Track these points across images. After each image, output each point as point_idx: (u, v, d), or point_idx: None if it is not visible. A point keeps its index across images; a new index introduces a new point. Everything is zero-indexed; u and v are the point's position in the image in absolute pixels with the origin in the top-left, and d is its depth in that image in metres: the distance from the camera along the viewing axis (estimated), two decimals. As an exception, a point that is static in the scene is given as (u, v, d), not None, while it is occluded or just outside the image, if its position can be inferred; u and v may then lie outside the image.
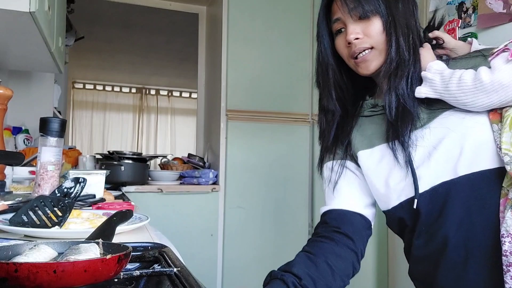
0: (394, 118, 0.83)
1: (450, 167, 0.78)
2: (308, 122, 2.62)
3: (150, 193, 2.34)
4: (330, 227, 0.88)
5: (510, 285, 0.68)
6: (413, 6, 0.87)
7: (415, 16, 0.86)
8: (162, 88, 6.35)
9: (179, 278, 0.54)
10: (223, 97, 2.51)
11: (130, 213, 0.82)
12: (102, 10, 3.44)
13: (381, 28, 0.83)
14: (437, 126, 0.81)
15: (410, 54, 0.83)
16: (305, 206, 2.57)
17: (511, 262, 0.68)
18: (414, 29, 0.85)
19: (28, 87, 2.55)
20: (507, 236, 0.69)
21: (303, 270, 0.76)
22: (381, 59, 0.84)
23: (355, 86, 0.95)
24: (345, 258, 0.83)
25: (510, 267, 0.68)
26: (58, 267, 0.42)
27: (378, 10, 0.83)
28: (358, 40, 0.84)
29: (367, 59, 0.85)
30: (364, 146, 0.90)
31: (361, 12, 0.83)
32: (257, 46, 2.56)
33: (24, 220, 0.78)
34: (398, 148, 0.83)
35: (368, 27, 0.83)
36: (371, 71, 0.86)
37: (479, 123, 0.77)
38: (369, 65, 0.85)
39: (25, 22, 1.37)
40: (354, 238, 0.85)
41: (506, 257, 0.68)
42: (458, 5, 2.05)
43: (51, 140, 1.10)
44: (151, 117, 6.40)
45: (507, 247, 0.68)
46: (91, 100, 6.06)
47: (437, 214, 0.80)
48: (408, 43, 0.83)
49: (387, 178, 0.86)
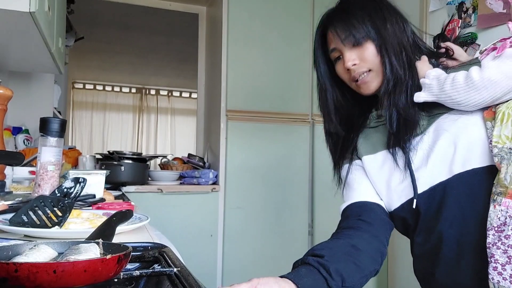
0: (395, 130, 0.89)
1: (445, 166, 0.82)
2: (308, 122, 2.62)
3: (150, 193, 2.34)
4: (351, 219, 0.90)
5: (493, 275, 0.69)
6: (403, 22, 0.92)
7: (407, 32, 0.92)
8: (162, 88, 6.34)
9: (179, 278, 0.54)
10: (223, 97, 2.51)
11: (130, 213, 0.82)
12: (102, 10, 3.44)
13: (374, 51, 0.89)
14: (434, 129, 0.86)
15: (405, 70, 0.89)
16: (305, 206, 2.57)
17: (493, 254, 0.69)
18: (407, 45, 0.90)
19: (28, 87, 2.55)
20: (491, 229, 0.71)
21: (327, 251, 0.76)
22: (379, 79, 0.90)
23: (360, 102, 1.01)
24: (369, 241, 0.84)
25: (492, 259, 0.69)
26: (58, 267, 0.42)
27: (369, 35, 0.89)
28: (355, 66, 0.90)
29: (366, 81, 0.91)
30: (368, 151, 0.96)
31: (353, 40, 0.89)
32: (257, 46, 2.56)
33: (24, 220, 0.78)
34: (398, 153, 0.89)
35: (363, 52, 0.89)
36: (372, 90, 0.92)
37: (471, 123, 0.81)
38: (369, 86, 0.91)
39: (25, 23, 1.37)
40: (376, 224, 0.88)
41: (489, 249, 0.70)
42: (458, 5, 2.05)
43: (51, 140, 1.10)
44: (151, 117, 6.39)
45: (491, 239, 0.70)
46: (91, 100, 6.05)
47: (434, 213, 0.84)
48: (402, 61, 0.89)
49: (388, 181, 0.91)
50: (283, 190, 2.54)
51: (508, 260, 0.68)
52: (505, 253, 0.68)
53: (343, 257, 0.76)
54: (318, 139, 2.62)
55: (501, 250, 0.69)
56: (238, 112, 2.50)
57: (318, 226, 2.56)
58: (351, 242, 0.81)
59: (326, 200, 2.55)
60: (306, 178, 2.59)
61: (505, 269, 0.68)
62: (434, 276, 0.84)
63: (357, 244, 0.80)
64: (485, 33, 1.83)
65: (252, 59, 2.55)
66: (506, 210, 0.69)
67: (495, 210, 0.71)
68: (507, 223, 0.69)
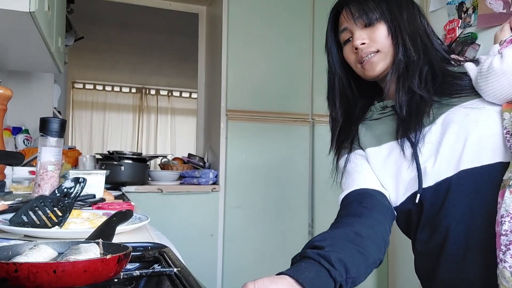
0: (406, 115, 0.86)
1: (454, 162, 0.79)
2: (308, 122, 2.62)
3: (150, 193, 2.34)
4: (351, 206, 0.86)
5: (511, 263, 0.67)
6: (419, 15, 0.91)
7: (422, 23, 0.91)
8: (162, 88, 6.34)
9: (179, 278, 0.54)
10: (223, 97, 2.51)
11: (130, 213, 0.82)
12: (102, 10, 3.44)
13: (386, 33, 0.88)
14: (443, 121, 0.83)
15: (419, 55, 0.87)
16: (305, 206, 2.57)
17: (511, 240, 0.67)
18: (423, 34, 0.89)
19: (28, 87, 2.55)
20: (506, 216, 0.69)
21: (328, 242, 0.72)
22: (387, 61, 0.89)
23: (363, 94, 1.00)
24: (372, 227, 0.79)
25: (510, 246, 0.67)
26: (58, 267, 0.42)
27: (382, 16, 0.88)
28: (364, 45, 0.88)
29: (372, 61, 0.89)
30: (372, 144, 0.93)
31: (366, 20, 0.88)
32: (257, 46, 2.56)
33: (24, 220, 0.78)
34: (406, 143, 0.85)
35: (374, 32, 0.88)
36: (377, 72, 0.90)
37: (483, 118, 0.79)
38: (375, 67, 0.89)
39: (25, 22, 1.37)
40: (377, 209, 0.84)
41: (507, 236, 0.68)
42: (458, 5, 2.05)
43: (51, 140, 1.10)
44: (151, 117, 6.39)
45: (507, 226, 0.68)
46: (91, 100, 6.05)
47: (438, 208, 0.81)
48: (416, 46, 0.87)
49: (395, 173, 0.88)
50: (283, 190, 2.54)
51: None
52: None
53: (346, 245, 0.71)
54: (318, 139, 2.62)
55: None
56: (238, 112, 2.50)
57: (318, 226, 2.56)
58: (353, 229, 0.76)
59: (326, 200, 2.55)
60: (306, 178, 2.59)
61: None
62: (438, 274, 0.82)
63: (360, 231, 0.76)
64: (485, 33, 1.83)
65: (252, 59, 2.55)
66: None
67: (511, 196, 0.69)
68: None
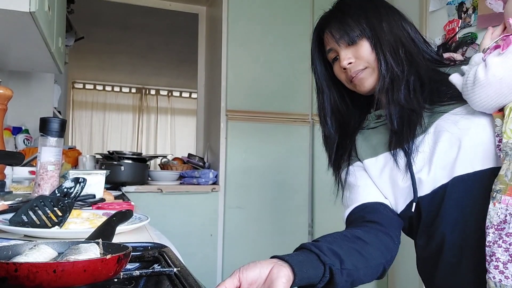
0: (397, 127, 0.87)
1: (448, 169, 0.80)
2: (308, 122, 2.62)
3: (150, 193, 2.34)
4: (356, 223, 0.87)
5: (494, 274, 0.67)
6: (401, 21, 0.91)
7: (405, 29, 0.91)
8: (162, 88, 6.34)
9: (178, 278, 0.54)
10: (223, 97, 2.51)
11: (130, 213, 0.82)
12: (102, 10, 3.44)
13: (369, 48, 0.89)
14: (434, 130, 0.84)
15: (403, 67, 0.88)
16: (305, 206, 2.57)
17: (494, 252, 0.68)
18: (406, 41, 0.89)
19: (28, 87, 2.55)
20: (490, 228, 0.69)
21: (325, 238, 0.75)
22: (375, 76, 0.90)
23: (358, 105, 1.00)
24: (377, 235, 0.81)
25: (493, 257, 0.68)
26: (58, 267, 0.42)
27: (363, 33, 0.89)
28: (351, 64, 0.90)
29: (361, 77, 0.91)
30: (369, 155, 0.94)
31: (348, 39, 0.90)
32: (257, 46, 2.56)
33: (24, 220, 0.78)
34: (399, 154, 0.87)
35: (358, 50, 0.90)
36: (367, 88, 0.91)
37: (474, 125, 0.79)
38: (364, 83, 0.91)
39: (25, 22, 1.37)
40: (382, 222, 0.85)
41: (490, 247, 0.69)
42: (458, 5, 2.05)
43: (51, 140, 1.10)
44: (151, 117, 6.40)
45: (491, 237, 0.69)
46: (91, 100, 6.05)
47: (435, 215, 0.82)
48: (399, 58, 0.88)
49: (392, 182, 0.89)
50: (283, 190, 2.54)
51: (510, 258, 0.66)
52: (507, 251, 0.67)
53: (344, 243, 0.73)
54: (318, 139, 2.60)
55: (503, 248, 0.67)
56: (238, 112, 2.50)
57: (318, 226, 2.56)
58: (355, 234, 0.78)
59: (326, 200, 2.55)
60: (306, 178, 2.59)
61: (507, 268, 0.66)
62: (435, 279, 0.84)
63: (362, 236, 0.78)
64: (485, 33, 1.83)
65: (252, 59, 2.55)
66: (506, 208, 0.68)
67: (494, 208, 0.69)
68: (507, 220, 0.67)
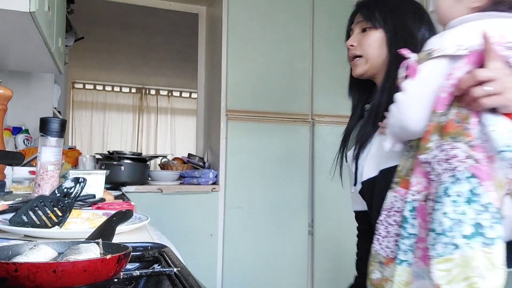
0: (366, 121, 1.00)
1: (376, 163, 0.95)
2: (308, 122, 2.62)
3: (150, 193, 2.34)
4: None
5: (375, 245, 0.84)
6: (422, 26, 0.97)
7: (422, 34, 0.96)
8: (162, 88, 6.34)
9: (179, 278, 0.54)
10: (223, 97, 2.51)
11: (130, 213, 0.82)
12: (102, 10, 3.44)
13: (376, 41, 0.98)
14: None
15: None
16: (305, 206, 2.57)
17: (378, 229, 0.84)
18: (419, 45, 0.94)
19: (28, 87, 2.55)
20: (384, 210, 0.84)
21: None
22: (366, 67, 1.00)
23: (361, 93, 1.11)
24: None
25: (376, 232, 0.85)
26: (58, 267, 0.42)
27: (378, 25, 0.97)
28: (352, 47, 1.01)
29: (354, 63, 1.03)
30: (349, 147, 1.08)
31: (363, 26, 1.00)
32: (257, 46, 2.56)
33: (24, 220, 0.78)
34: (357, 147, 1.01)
35: (363, 38, 0.99)
36: (356, 74, 1.03)
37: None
38: (355, 69, 1.03)
39: (25, 22, 1.37)
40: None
41: (377, 224, 0.85)
42: (458, 5, 2.05)
43: (51, 140, 1.10)
44: (151, 117, 6.39)
45: (382, 217, 0.84)
46: (91, 100, 6.05)
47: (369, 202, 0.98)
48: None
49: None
50: (283, 190, 2.54)
51: (387, 234, 0.82)
52: (386, 229, 0.83)
53: None
54: (318, 139, 2.62)
55: (384, 226, 0.83)
56: (238, 112, 2.50)
57: (318, 226, 2.55)
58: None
59: (326, 200, 2.55)
60: (306, 178, 2.59)
61: (384, 241, 0.83)
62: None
63: None
64: (485, 33, 1.83)
65: (252, 59, 2.55)
66: (395, 196, 0.82)
67: (389, 195, 0.83)
68: (393, 206, 0.82)
